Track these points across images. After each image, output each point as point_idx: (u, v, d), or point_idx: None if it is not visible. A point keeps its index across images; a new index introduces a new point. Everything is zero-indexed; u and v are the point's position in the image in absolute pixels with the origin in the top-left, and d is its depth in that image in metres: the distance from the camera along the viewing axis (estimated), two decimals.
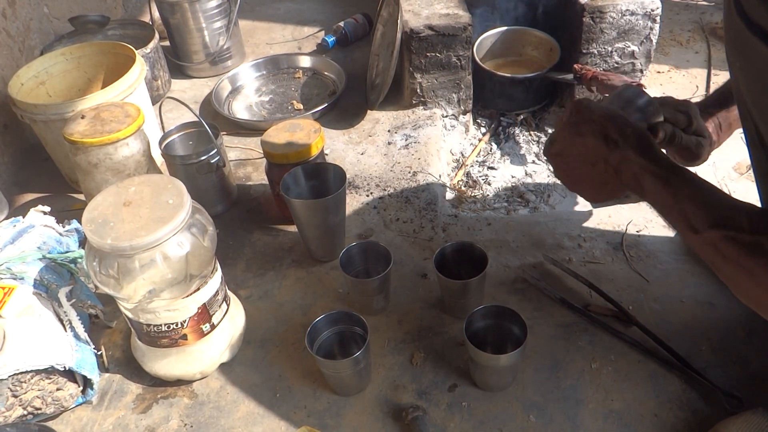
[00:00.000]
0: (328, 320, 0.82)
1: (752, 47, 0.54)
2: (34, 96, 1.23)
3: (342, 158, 1.25)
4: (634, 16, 1.25)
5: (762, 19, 0.52)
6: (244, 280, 1.00)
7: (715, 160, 1.13)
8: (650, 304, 0.89)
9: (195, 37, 1.53)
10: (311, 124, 1.06)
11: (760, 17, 0.52)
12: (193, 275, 0.74)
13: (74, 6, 1.59)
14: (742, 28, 0.54)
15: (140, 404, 0.83)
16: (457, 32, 1.26)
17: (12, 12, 1.33)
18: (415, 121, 1.34)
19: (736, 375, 0.78)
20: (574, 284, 0.92)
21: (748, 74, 0.59)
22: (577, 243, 1.00)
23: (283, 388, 0.83)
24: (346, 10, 1.81)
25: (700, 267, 0.93)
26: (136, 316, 0.77)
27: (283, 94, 1.51)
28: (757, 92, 0.58)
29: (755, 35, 0.53)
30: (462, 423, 0.76)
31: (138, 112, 0.99)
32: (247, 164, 1.27)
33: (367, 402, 0.80)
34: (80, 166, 0.98)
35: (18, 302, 0.79)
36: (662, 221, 1.01)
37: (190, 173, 1.06)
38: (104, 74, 1.32)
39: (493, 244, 1.01)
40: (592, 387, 0.79)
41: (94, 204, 0.74)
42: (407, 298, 0.93)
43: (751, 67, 0.57)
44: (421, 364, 0.84)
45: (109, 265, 0.70)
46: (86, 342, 0.83)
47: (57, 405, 0.79)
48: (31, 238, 0.89)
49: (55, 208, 1.02)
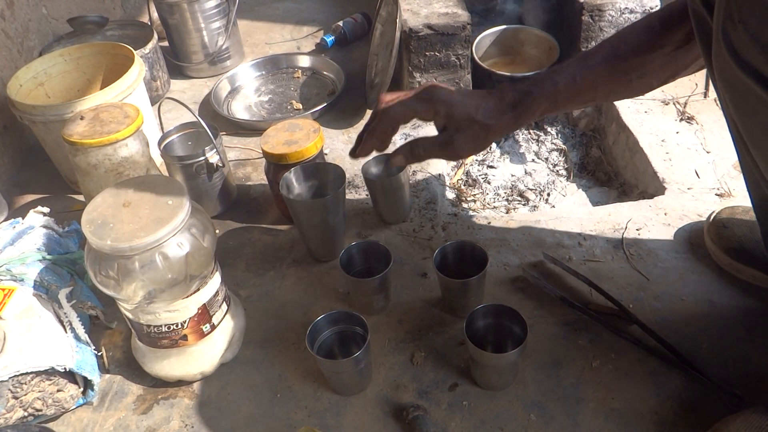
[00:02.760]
0: (328, 320, 0.82)
1: (742, 84, 0.53)
2: (33, 97, 1.23)
3: (341, 158, 1.25)
4: (633, 14, 1.25)
5: (754, 60, 0.51)
6: (244, 280, 1.00)
7: (714, 158, 1.13)
8: (650, 302, 0.89)
9: (194, 38, 1.53)
10: (310, 123, 1.05)
11: (752, 58, 0.51)
12: (193, 276, 0.74)
13: (73, 7, 1.58)
14: (731, 63, 0.53)
15: (141, 405, 0.83)
16: (456, 31, 1.26)
17: (10, 13, 1.33)
18: (415, 120, 1.33)
19: (737, 373, 0.78)
20: (575, 283, 0.92)
21: (737, 107, 0.58)
22: (577, 241, 0.99)
23: (283, 388, 0.83)
24: (345, 9, 1.81)
25: (701, 265, 0.93)
26: (136, 316, 0.77)
27: (282, 93, 1.51)
28: (748, 126, 0.58)
29: (746, 74, 0.52)
30: (463, 422, 0.76)
31: (137, 113, 0.99)
32: (247, 164, 1.27)
33: (367, 402, 0.80)
34: (79, 167, 0.98)
35: (18, 304, 0.79)
36: (662, 219, 1.01)
37: (190, 174, 1.06)
38: (103, 75, 1.32)
39: (493, 243, 1.01)
40: (593, 385, 0.79)
41: (93, 205, 0.74)
42: (407, 298, 0.93)
43: (740, 101, 0.56)
44: (421, 364, 0.84)
45: (109, 266, 0.70)
46: (87, 343, 0.83)
47: (57, 406, 0.79)
48: (30, 239, 0.89)
49: (55, 209, 1.02)
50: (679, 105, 1.27)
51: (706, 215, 0.96)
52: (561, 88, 0.78)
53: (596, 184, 1.29)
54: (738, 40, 0.52)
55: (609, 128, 1.32)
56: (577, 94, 0.79)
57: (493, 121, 0.78)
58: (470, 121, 0.78)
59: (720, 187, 1.07)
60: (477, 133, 0.79)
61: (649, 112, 1.26)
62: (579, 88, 0.78)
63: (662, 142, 1.18)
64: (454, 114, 0.78)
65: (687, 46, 0.75)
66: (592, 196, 1.25)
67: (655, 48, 0.76)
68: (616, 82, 0.79)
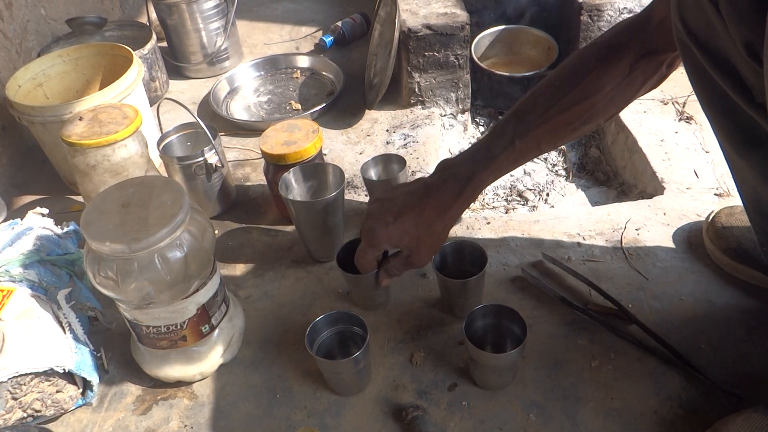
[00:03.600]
0: (327, 320, 0.82)
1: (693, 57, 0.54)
2: (31, 98, 1.23)
3: (341, 158, 1.25)
4: (631, 14, 1.25)
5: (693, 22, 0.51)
6: (244, 280, 1.00)
7: (713, 158, 1.13)
8: (650, 302, 0.89)
9: (192, 38, 1.53)
10: (309, 124, 1.05)
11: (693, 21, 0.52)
12: (192, 276, 0.74)
13: (71, 7, 1.58)
14: (683, 35, 0.54)
15: (140, 406, 0.83)
16: (455, 31, 1.26)
17: (9, 14, 1.33)
18: (414, 120, 1.34)
19: (736, 373, 0.78)
20: (574, 283, 0.92)
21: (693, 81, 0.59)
22: (576, 241, 1.00)
23: (283, 388, 0.83)
24: (344, 9, 1.81)
25: (700, 265, 0.93)
26: (135, 317, 0.77)
27: (281, 94, 1.51)
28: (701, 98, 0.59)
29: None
30: (462, 422, 0.76)
31: (136, 114, 0.99)
32: (246, 165, 1.27)
33: (367, 402, 0.80)
34: (78, 168, 0.98)
35: (17, 305, 0.79)
36: (661, 219, 1.01)
37: (189, 174, 1.06)
38: (102, 76, 1.32)
39: (493, 243, 1.01)
40: (592, 385, 0.79)
41: (92, 206, 0.74)
42: (407, 298, 0.93)
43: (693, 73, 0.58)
44: (420, 364, 0.84)
45: (108, 267, 0.70)
46: (86, 344, 0.83)
47: (57, 407, 0.79)
48: (29, 240, 0.89)
49: (54, 209, 1.02)
50: (678, 105, 1.27)
51: (705, 215, 0.96)
52: (501, 159, 0.75)
53: (595, 184, 1.29)
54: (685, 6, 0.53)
55: (608, 128, 1.32)
56: (520, 157, 0.76)
57: (439, 224, 0.77)
58: (416, 240, 0.78)
59: (719, 186, 1.07)
60: (428, 243, 0.79)
61: (648, 112, 1.26)
62: (520, 150, 0.75)
63: (661, 141, 1.18)
64: (399, 244, 0.79)
65: (628, 78, 0.72)
66: (591, 196, 1.25)
67: (596, 90, 0.72)
68: (560, 133, 0.76)
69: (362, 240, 0.81)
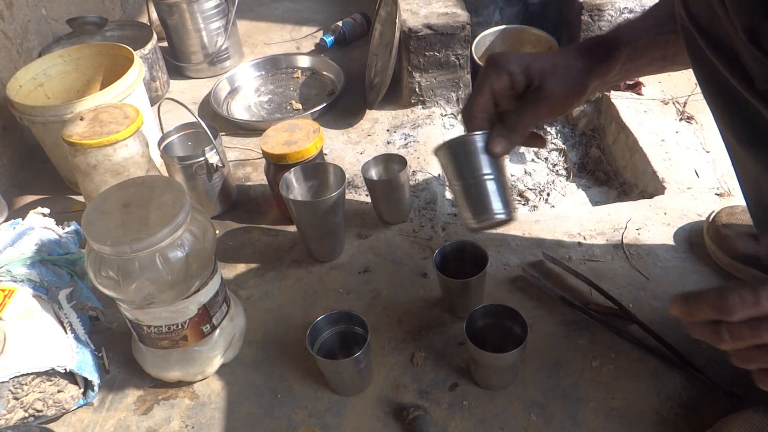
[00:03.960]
0: (328, 320, 0.82)
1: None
2: (32, 98, 1.23)
3: (341, 158, 1.25)
4: (632, 14, 1.25)
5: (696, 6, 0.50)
6: (244, 280, 1.00)
7: (714, 158, 1.13)
8: (650, 301, 0.89)
9: (193, 38, 1.53)
10: (310, 124, 1.05)
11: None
12: (193, 276, 0.74)
13: (72, 7, 1.58)
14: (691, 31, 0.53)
15: (141, 405, 0.83)
16: (456, 31, 1.26)
17: (10, 14, 1.33)
18: (414, 120, 1.34)
19: (737, 372, 0.78)
20: (575, 282, 0.92)
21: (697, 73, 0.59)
22: (576, 241, 1.00)
23: (284, 388, 0.83)
24: (345, 9, 1.81)
25: (701, 264, 0.93)
26: (137, 317, 0.77)
27: (281, 94, 1.51)
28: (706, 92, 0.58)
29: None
30: (463, 422, 0.77)
31: (137, 114, 0.99)
32: (247, 165, 1.27)
33: (368, 402, 0.80)
34: (79, 168, 0.98)
35: (18, 304, 0.79)
36: (662, 219, 1.01)
37: (190, 174, 1.06)
38: (103, 76, 1.32)
39: (493, 242, 1.01)
40: (593, 385, 0.79)
41: (93, 206, 0.74)
42: (407, 298, 0.93)
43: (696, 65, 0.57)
44: (421, 364, 0.84)
45: (109, 267, 0.70)
46: (87, 344, 0.83)
47: (58, 407, 0.79)
48: (30, 240, 0.89)
49: (55, 209, 1.02)
50: (678, 104, 1.27)
51: (706, 215, 0.96)
52: (638, 38, 0.68)
53: (596, 183, 1.29)
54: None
55: (608, 128, 1.32)
56: (651, 47, 0.68)
57: (578, 63, 0.67)
58: (552, 65, 0.66)
59: (720, 186, 1.07)
60: (565, 76, 0.67)
61: (649, 112, 1.26)
62: (650, 42, 0.68)
63: (662, 141, 1.18)
64: (532, 66, 0.66)
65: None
66: (591, 196, 1.25)
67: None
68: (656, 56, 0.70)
69: (482, 69, 0.68)
